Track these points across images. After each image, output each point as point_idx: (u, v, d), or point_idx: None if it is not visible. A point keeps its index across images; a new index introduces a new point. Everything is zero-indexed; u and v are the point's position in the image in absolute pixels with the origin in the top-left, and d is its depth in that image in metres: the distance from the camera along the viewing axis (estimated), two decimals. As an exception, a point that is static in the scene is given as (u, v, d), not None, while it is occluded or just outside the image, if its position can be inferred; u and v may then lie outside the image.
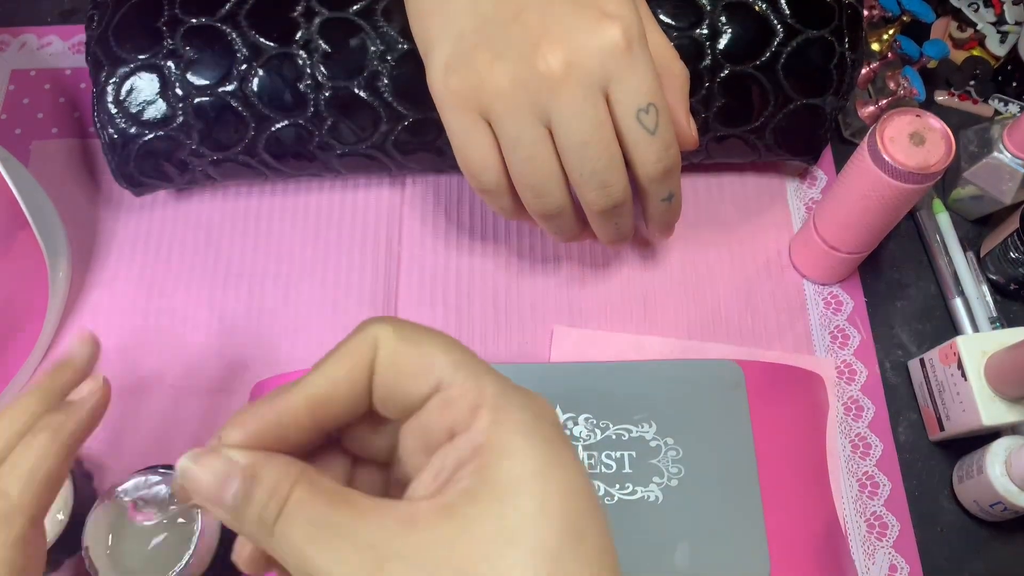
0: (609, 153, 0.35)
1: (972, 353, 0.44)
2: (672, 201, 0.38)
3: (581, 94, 0.34)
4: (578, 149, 0.35)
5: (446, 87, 0.37)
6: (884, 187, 0.41)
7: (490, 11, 0.36)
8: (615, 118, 0.35)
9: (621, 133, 0.36)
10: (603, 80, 0.35)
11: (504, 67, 0.35)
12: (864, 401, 0.48)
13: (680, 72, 0.40)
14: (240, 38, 0.44)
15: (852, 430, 0.47)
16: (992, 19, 0.58)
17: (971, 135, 0.51)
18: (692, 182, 0.53)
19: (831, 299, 0.51)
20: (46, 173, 0.53)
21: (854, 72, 0.46)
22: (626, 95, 0.35)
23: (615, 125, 0.36)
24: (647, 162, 0.36)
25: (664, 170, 0.36)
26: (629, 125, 0.35)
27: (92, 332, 0.34)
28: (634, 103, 0.35)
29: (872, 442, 0.47)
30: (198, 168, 0.47)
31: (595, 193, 0.35)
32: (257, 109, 0.45)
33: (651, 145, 0.35)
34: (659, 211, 0.39)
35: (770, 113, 0.46)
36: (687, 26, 0.45)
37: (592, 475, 0.42)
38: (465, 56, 0.36)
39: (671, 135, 0.36)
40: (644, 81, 0.35)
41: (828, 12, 0.45)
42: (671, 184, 0.38)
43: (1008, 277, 0.49)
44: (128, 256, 0.51)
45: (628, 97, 0.35)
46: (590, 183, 0.35)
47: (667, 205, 0.39)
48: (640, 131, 0.35)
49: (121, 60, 0.44)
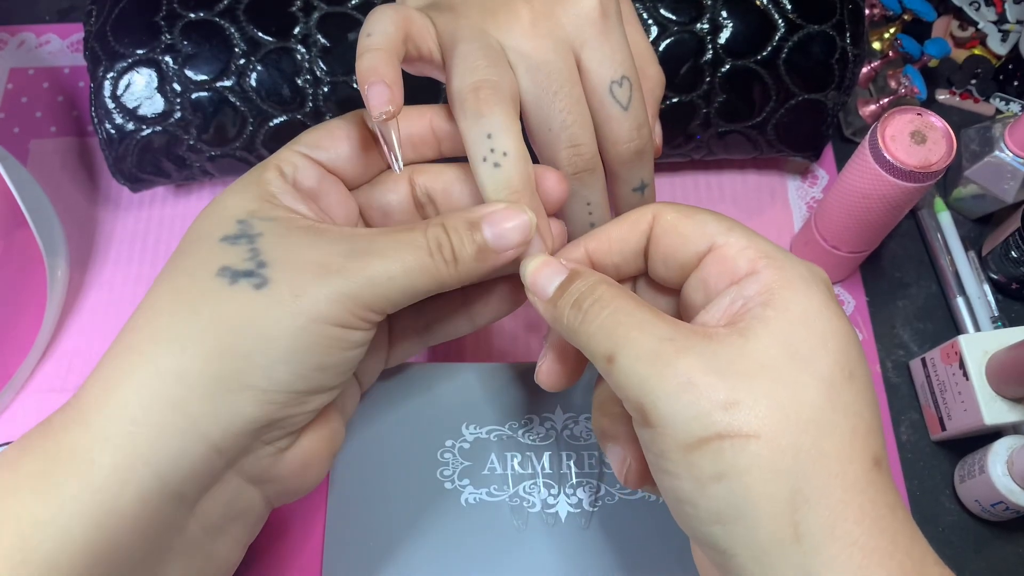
0: (579, 108, 0.33)
1: (974, 352, 0.43)
2: (645, 193, 0.37)
3: (551, 44, 0.33)
4: (548, 99, 0.33)
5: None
6: (885, 186, 0.41)
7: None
8: (587, 90, 0.34)
9: (593, 108, 0.34)
10: (575, 41, 0.34)
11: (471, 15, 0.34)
12: (865, 400, 0.48)
13: (655, 75, 0.39)
14: (238, 33, 0.44)
15: (853, 429, 0.47)
16: (993, 18, 0.58)
17: (972, 134, 0.51)
18: (693, 180, 0.53)
19: (832, 298, 0.50)
20: (44, 172, 0.53)
21: (856, 67, 0.46)
22: (599, 64, 0.34)
23: (587, 99, 0.34)
24: (619, 140, 0.35)
25: (636, 151, 0.35)
26: (602, 98, 0.34)
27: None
28: (607, 74, 0.34)
29: (874, 441, 0.47)
30: (196, 164, 0.47)
31: (566, 152, 0.34)
32: (255, 104, 0.45)
33: (623, 122, 0.34)
34: (631, 203, 0.37)
35: (771, 108, 0.46)
36: (688, 20, 0.44)
37: (592, 475, 0.42)
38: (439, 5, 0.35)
39: (644, 114, 0.35)
40: (618, 50, 0.34)
41: (829, 7, 0.45)
42: (643, 169, 0.36)
43: (1010, 276, 0.49)
44: (126, 254, 0.51)
45: (601, 67, 0.34)
46: (560, 137, 0.34)
47: (639, 197, 0.37)
48: (613, 105, 0.34)
49: (119, 55, 0.44)
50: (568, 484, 0.42)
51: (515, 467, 0.42)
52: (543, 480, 0.42)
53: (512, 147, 0.31)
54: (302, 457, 0.32)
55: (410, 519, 0.41)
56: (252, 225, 0.29)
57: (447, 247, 0.30)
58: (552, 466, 0.42)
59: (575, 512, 0.41)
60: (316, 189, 0.33)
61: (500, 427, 0.43)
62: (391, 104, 0.30)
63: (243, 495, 0.30)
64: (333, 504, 0.41)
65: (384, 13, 0.32)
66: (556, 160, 0.34)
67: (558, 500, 0.41)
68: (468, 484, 0.42)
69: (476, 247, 0.30)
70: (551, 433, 0.43)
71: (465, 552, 0.40)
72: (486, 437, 0.42)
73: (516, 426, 0.43)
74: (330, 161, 0.33)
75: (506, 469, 0.42)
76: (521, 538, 0.41)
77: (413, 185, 0.35)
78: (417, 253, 0.29)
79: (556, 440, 0.42)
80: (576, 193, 0.35)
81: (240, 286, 0.28)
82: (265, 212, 0.30)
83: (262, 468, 0.30)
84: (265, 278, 0.28)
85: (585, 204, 0.36)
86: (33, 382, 0.47)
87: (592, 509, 0.41)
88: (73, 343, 0.49)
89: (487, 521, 0.41)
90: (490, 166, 0.31)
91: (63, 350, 0.48)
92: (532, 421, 0.43)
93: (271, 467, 0.30)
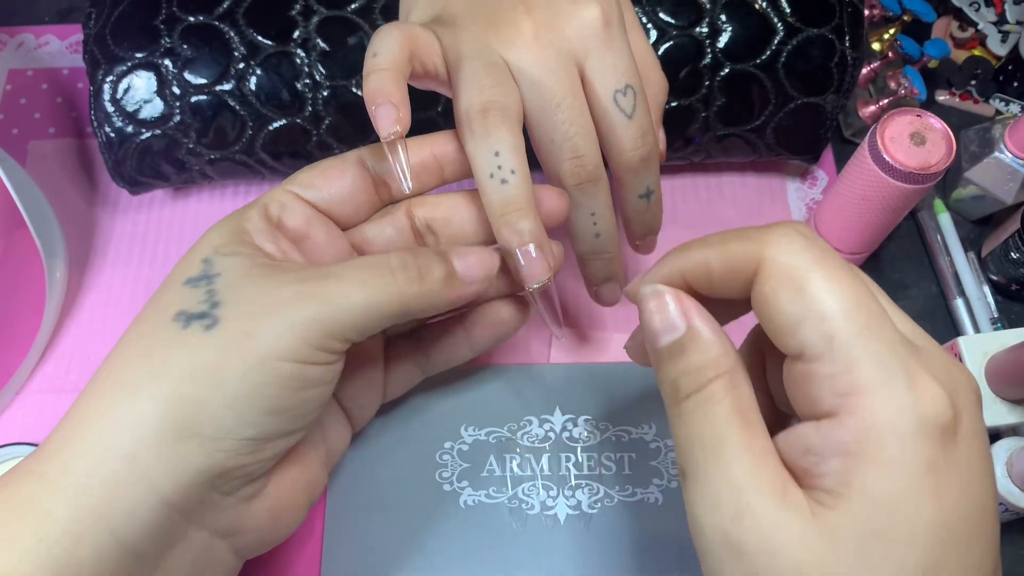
0: (582, 119, 0.34)
1: (973, 354, 0.43)
2: (651, 200, 0.37)
3: (554, 55, 0.33)
4: (550, 111, 0.33)
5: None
6: (885, 187, 0.41)
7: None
8: (591, 100, 0.34)
9: (597, 118, 0.35)
10: (578, 51, 0.34)
11: (474, 29, 0.34)
12: (865, 402, 0.48)
13: (658, 81, 0.39)
14: (238, 36, 0.44)
15: (853, 431, 0.47)
16: (993, 19, 0.58)
17: (972, 135, 0.51)
18: (692, 182, 0.53)
19: (831, 299, 0.50)
20: (43, 173, 0.53)
21: (855, 71, 0.46)
22: (603, 74, 0.34)
23: (591, 109, 0.34)
24: (624, 149, 0.35)
25: (641, 158, 0.35)
26: (606, 107, 0.34)
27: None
28: (611, 83, 0.34)
29: (873, 443, 0.47)
30: (195, 167, 0.47)
31: (569, 163, 0.34)
32: (255, 108, 0.45)
33: (627, 130, 0.34)
34: (638, 210, 0.38)
35: (771, 112, 0.46)
36: (687, 24, 0.44)
37: (591, 477, 0.42)
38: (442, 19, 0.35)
39: (648, 122, 0.35)
40: (621, 59, 0.34)
41: (829, 10, 0.45)
42: (649, 176, 0.36)
43: (1009, 277, 0.49)
44: (125, 256, 0.51)
45: (604, 76, 0.34)
46: (563, 148, 0.34)
47: (646, 204, 0.37)
48: (617, 114, 0.34)
49: (118, 58, 0.44)
50: (567, 486, 0.42)
51: (514, 469, 0.42)
52: (542, 482, 0.42)
53: (518, 165, 0.32)
54: (270, 507, 0.30)
55: (409, 521, 0.41)
56: (213, 264, 0.29)
57: (412, 266, 0.29)
58: (551, 468, 0.42)
59: (574, 514, 0.41)
60: (303, 229, 0.32)
61: (499, 429, 0.43)
62: (399, 124, 0.30)
63: (211, 551, 0.29)
64: (332, 506, 0.41)
65: (389, 32, 0.32)
66: (559, 171, 0.35)
67: (557, 502, 0.41)
68: (467, 486, 0.42)
69: (443, 270, 0.30)
70: (550, 435, 0.43)
71: (464, 554, 0.40)
72: (485, 439, 0.43)
73: (515, 428, 0.43)
74: (321, 200, 0.33)
75: (505, 471, 0.42)
76: (520, 540, 0.41)
77: (412, 218, 0.35)
78: (378, 271, 0.29)
79: (555, 442, 0.42)
80: (580, 204, 0.35)
81: (192, 329, 0.27)
82: (230, 248, 0.29)
83: (228, 521, 0.29)
84: (216, 318, 0.27)
85: (590, 214, 0.36)
86: (32, 383, 0.48)
87: (591, 511, 0.41)
88: (72, 344, 0.49)
89: (486, 523, 0.41)
90: (497, 182, 0.31)
91: (62, 351, 0.48)
92: (531, 423, 0.43)
93: (236, 519, 0.29)
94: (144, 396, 0.26)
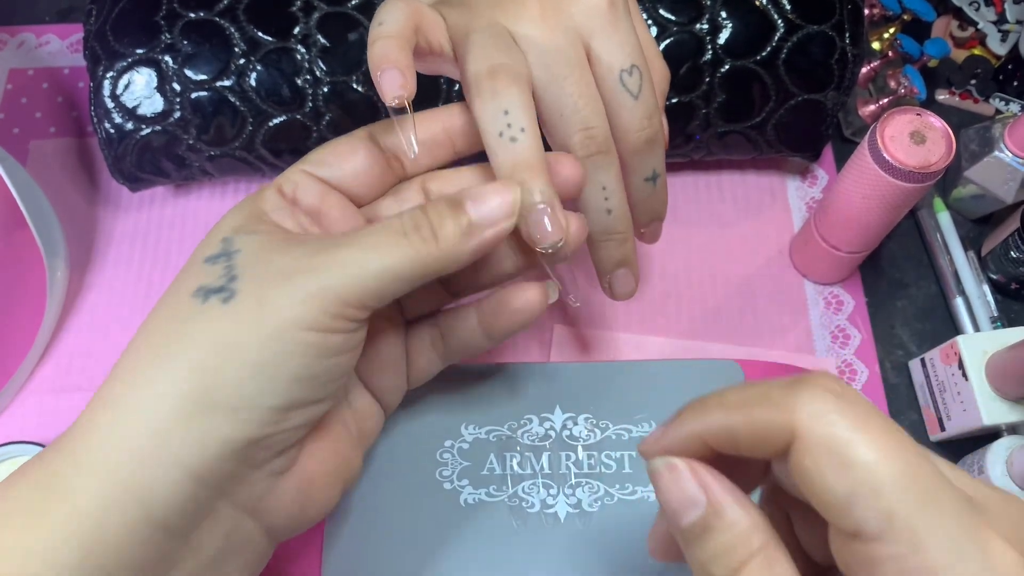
0: (590, 92, 0.33)
1: (973, 353, 0.43)
2: (657, 184, 0.37)
3: (561, 33, 0.33)
4: (559, 83, 0.33)
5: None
6: (885, 186, 0.41)
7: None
8: (597, 80, 0.34)
9: (604, 97, 0.34)
10: (584, 31, 0.34)
11: (480, 8, 0.34)
12: (865, 401, 0.48)
13: (660, 70, 0.39)
14: (238, 32, 0.44)
15: (853, 430, 0.47)
16: (993, 18, 0.58)
17: (972, 134, 0.51)
18: (692, 180, 0.53)
19: (831, 299, 0.50)
20: (44, 172, 0.53)
21: (855, 67, 0.46)
22: (609, 53, 0.34)
23: (598, 88, 0.34)
24: (630, 129, 0.35)
25: (647, 139, 0.35)
26: (612, 87, 0.34)
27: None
28: (617, 62, 0.34)
29: (873, 442, 0.47)
30: (195, 164, 0.47)
31: (579, 135, 0.33)
32: (255, 104, 0.45)
33: (634, 110, 0.34)
34: (644, 193, 0.37)
35: (771, 108, 0.46)
36: (687, 21, 0.44)
37: (592, 475, 0.42)
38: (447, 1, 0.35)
39: (654, 103, 0.35)
40: (627, 40, 0.34)
41: (829, 7, 0.45)
42: (654, 158, 0.36)
43: (1009, 276, 0.49)
44: (126, 255, 0.51)
45: (611, 56, 0.34)
46: (572, 121, 0.33)
47: (652, 188, 0.37)
48: (623, 94, 0.34)
49: (119, 54, 0.44)
50: (567, 484, 0.42)
51: (514, 467, 0.42)
52: (542, 480, 0.42)
53: (528, 124, 0.31)
54: (300, 485, 0.30)
55: (409, 519, 0.41)
56: (233, 242, 0.29)
57: (425, 226, 0.28)
58: (551, 466, 0.42)
59: (574, 512, 0.41)
60: (318, 206, 0.32)
61: (499, 427, 0.43)
62: (403, 89, 0.30)
63: (241, 529, 0.29)
64: (332, 504, 0.41)
65: (395, 4, 0.32)
66: (569, 144, 0.34)
67: (557, 500, 0.41)
68: (467, 484, 0.42)
69: (457, 223, 0.29)
70: (550, 433, 0.43)
71: (464, 552, 0.40)
72: (485, 437, 0.42)
73: (515, 426, 0.43)
74: (334, 178, 0.33)
75: (505, 469, 0.42)
76: (520, 538, 0.40)
77: (426, 193, 0.35)
78: (391, 235, 0.28)
79: (555, 440, 0.42)
80: (591, 177, 0.35)
81: (210, 303, 0.27)
82: (249, 227, 0.29)
83: (257, 496, 0.29)
84: (233, 291, 0.27)
85: (601, 188, 0.35)
86: (33, 382, 0.48)
87: (591, 509, 0.41)
88: (73, 343, 0.49)
89: (486, 521, 0.41)
90: (507, 141, 0.31)
91: (63, 350, 0.48)
92: (531, 421, 0.43)
93: (267, 494, 0.29)
94: (165, 371, 0.27)
